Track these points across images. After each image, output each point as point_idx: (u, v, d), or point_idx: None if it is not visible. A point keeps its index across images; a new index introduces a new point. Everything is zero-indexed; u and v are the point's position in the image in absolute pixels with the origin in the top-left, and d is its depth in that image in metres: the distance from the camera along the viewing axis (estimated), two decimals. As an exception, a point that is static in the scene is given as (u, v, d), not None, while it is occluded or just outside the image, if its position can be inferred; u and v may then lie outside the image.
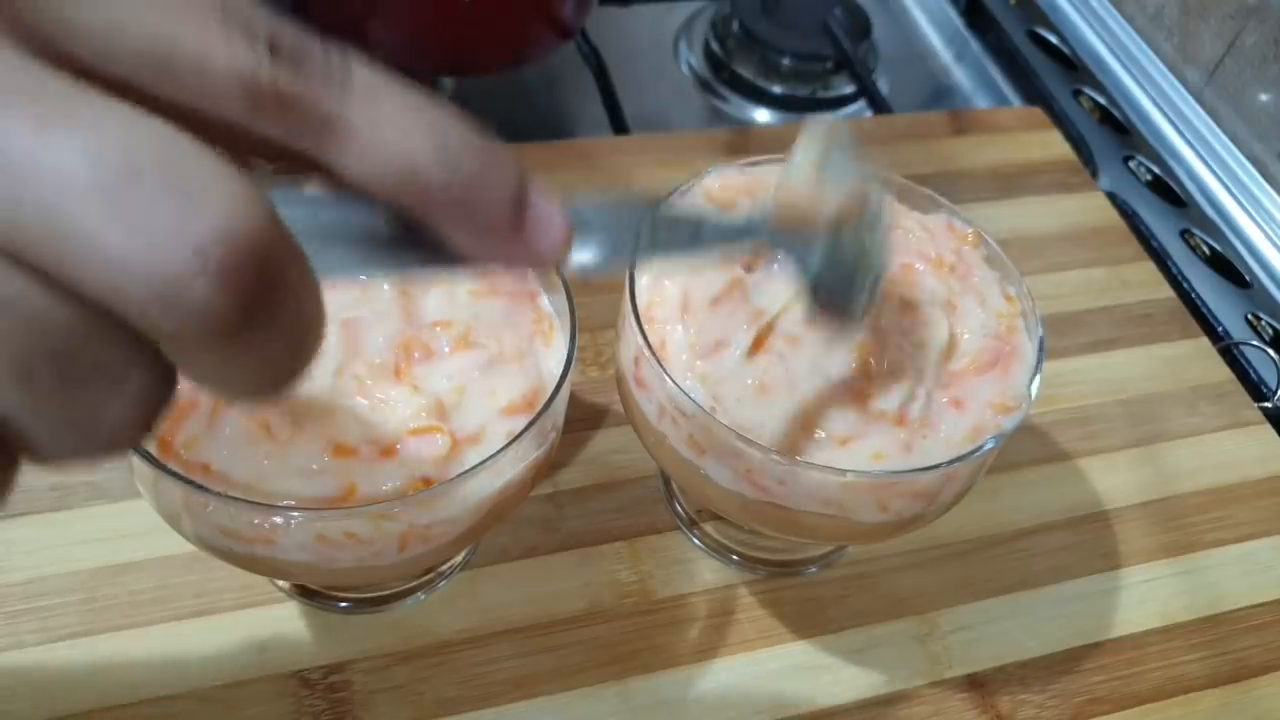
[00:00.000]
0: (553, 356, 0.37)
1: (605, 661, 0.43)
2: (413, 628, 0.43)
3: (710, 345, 0.37)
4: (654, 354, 0.37)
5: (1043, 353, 0.39)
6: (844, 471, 0.35)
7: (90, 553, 0.44)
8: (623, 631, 0.44)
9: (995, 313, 0.40)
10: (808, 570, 0.47)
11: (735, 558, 0.47)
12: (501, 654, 0.43)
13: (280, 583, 0.44)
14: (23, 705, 0.40)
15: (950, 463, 0.36)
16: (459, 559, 0.45)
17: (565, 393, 0.35)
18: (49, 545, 0.44)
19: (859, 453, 0.36)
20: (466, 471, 0.32)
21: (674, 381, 0.36)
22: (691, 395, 0.36)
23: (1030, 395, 0.38)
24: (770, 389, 0.36)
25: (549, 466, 0.38)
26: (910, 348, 0.38)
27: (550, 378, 0.36)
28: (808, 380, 0.36)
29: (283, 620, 0.43)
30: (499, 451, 0.33)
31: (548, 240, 0.21)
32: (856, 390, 0.37)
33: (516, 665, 0.43)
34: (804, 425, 0.36)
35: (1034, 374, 0.39)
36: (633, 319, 0.37)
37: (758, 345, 0.37)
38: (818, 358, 0.37)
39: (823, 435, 0.36)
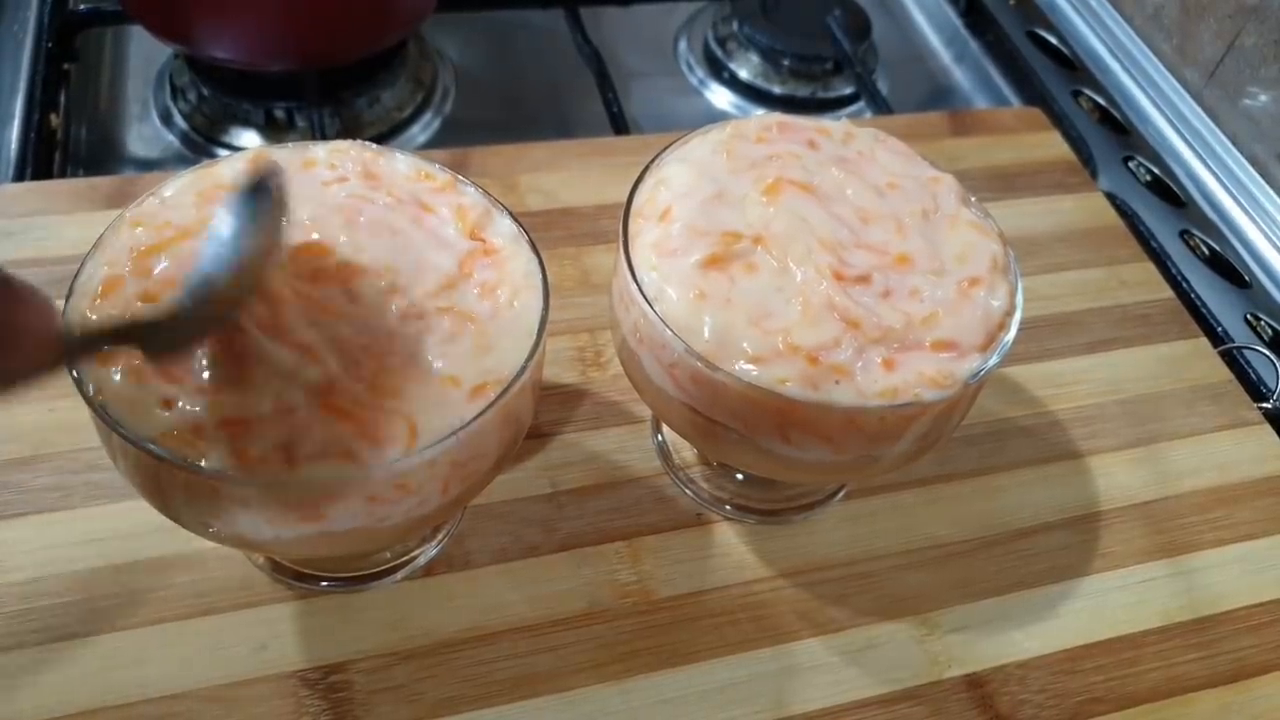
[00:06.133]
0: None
1: (605, 661, 0.43)
2: (413, 627, 0.43)
3: (672, 249, 0.40)
4: (626, 242, 0.40)
5: (1002, 355, 0.39)
6: (735, 377, 0.36)
7: (90, 553, 0.44)
8: (622, 631, 0.44)
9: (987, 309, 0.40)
10: (794, 518, 0.49)
11: (727, 507, 0.49)
12: (501, 654, 0.43)
13: (258, 560, 0.44)
14: (23, 705, 0.40)
15: (848, 405, 0.36)
16: (435, 546, 0.45)
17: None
18: (49, 545, 0.44)
19: (767, 374, 0.37)
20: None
21: (628, 261, 0.39)
22: (643, 283, 0.39)
23: (964, 385, 0.38)
24: (709, 298, 0.38)
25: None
26: (881, 308, 0.39)
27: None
28: (749, 304, 0.38)
29: (283, 620, 0.43)
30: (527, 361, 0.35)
31: None
32: (794, 322, 0.38)
33: (516, 665, 0.43)
34: (726, 341, 0.38)
35: (980, 369, 0.38)
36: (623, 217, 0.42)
37: (715, 261, 0.39)
38: (766, 290, 0.39)
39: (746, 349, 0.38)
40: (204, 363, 0.33)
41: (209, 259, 0.31)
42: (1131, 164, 0.76)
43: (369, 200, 0.39)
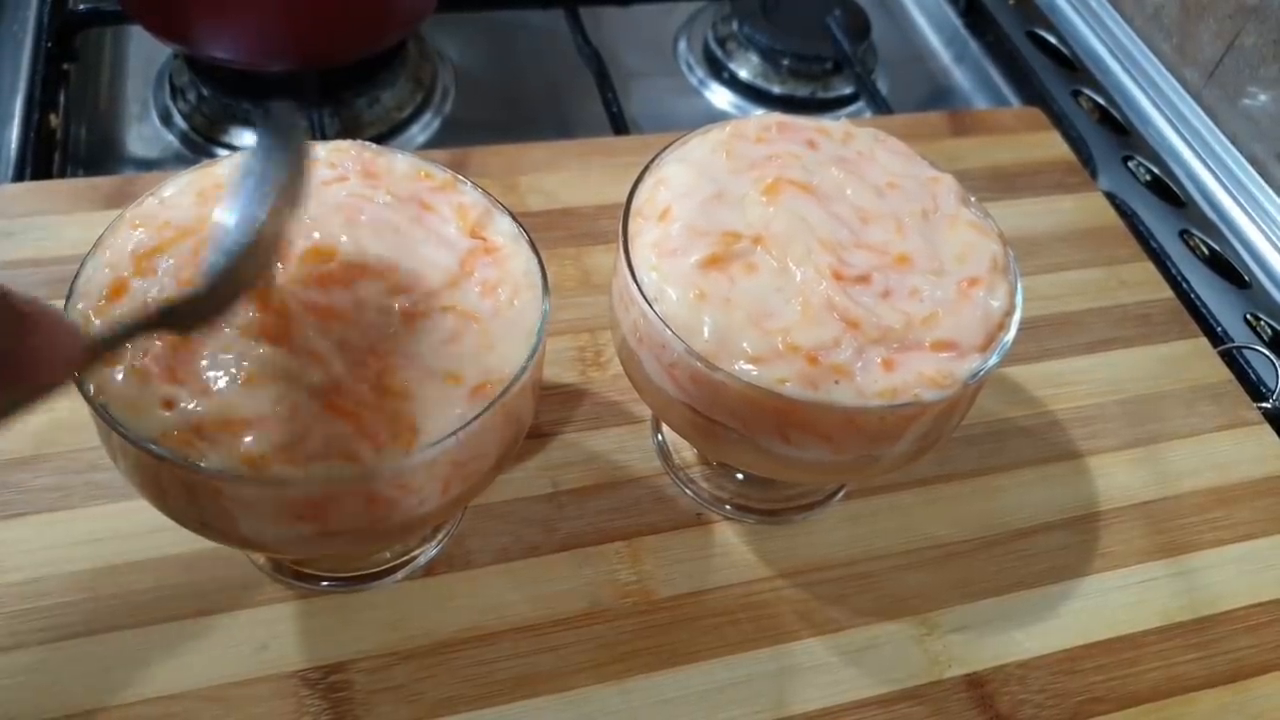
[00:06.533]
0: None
1: (605, 661, 0.43)
2: (413, 627, 0.43)
3: (671, 249, 0.40)
4: (625, 242, 0.40)
5: (1002, 355, 0.39)
6: (735, 377, 0.36)
7: (90, 553, 0.44)
8: (623, 631, 0.44)
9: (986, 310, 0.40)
10: (794, 518, 0.49)
11: (727, 507, 0.49)
12: (501, 654, 0.43)
13: (259, 560, 0.44)
14: (23, 705, 0.40)
15: (850, 405, 0.36)
16: (435, 547, 0.45)
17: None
18: (49, 545, 0.44)
19: (767, 374, 0.37)
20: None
21: (628, 261, 0.39)
22: (642, 283, 0.39)
23: (964, 385, 0.38)
24: (709, 298, 0.38)
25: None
26: (881, 308, 0.39)
27: None
28: (749, 304, 0.38)
29: (283, 620, 0.43)
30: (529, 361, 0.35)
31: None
32: (794, 322, 0.38)
33: (516, 665, 0.43)
34: (726, 341, 0.38)
35: (980, 369, 0.39)
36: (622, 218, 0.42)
37: (715, 261, 0.39)
38: (766, 290, 0.39)
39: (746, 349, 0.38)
40: (206, 363, 0.33)
41: (232, 220, 0.30)
42: (1131, 164, 0.76)
43: (369, 199, 0.39)
